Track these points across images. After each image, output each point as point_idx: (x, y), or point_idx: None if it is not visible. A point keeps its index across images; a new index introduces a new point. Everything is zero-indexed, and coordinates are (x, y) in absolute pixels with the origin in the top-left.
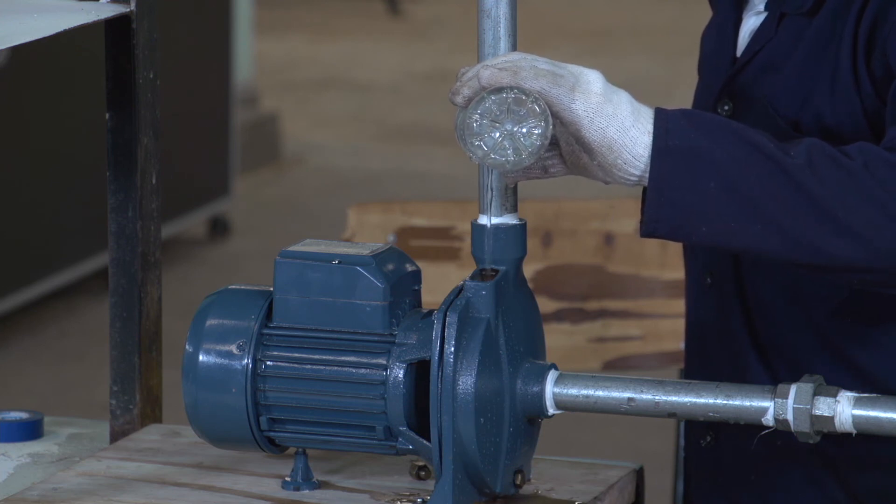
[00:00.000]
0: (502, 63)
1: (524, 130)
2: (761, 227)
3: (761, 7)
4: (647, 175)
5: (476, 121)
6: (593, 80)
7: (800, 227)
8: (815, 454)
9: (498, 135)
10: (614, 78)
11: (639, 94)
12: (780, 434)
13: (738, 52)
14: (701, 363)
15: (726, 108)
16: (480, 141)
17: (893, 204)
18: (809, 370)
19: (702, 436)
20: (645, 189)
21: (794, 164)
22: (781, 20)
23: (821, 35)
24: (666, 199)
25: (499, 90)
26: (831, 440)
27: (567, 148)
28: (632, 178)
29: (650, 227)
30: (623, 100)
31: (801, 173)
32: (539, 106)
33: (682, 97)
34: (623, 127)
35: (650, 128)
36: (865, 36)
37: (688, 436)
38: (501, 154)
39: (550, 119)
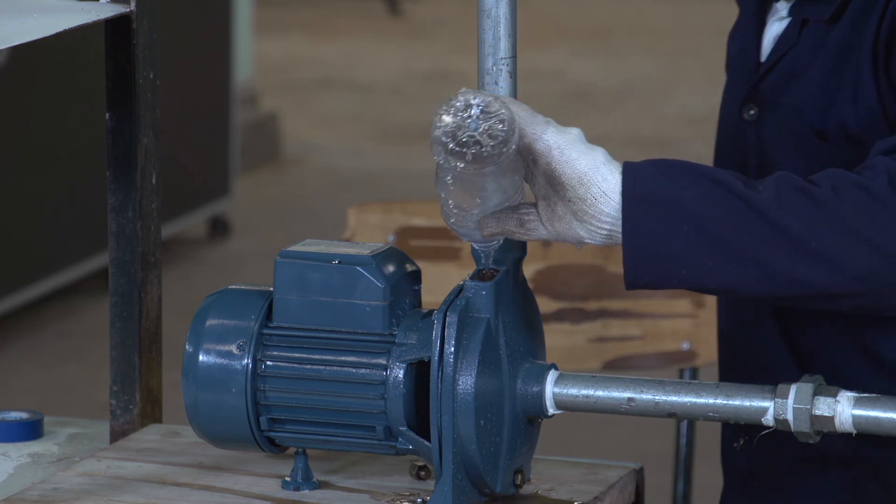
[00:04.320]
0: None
1: (488, 130)
2: (737, 265)
3: (784, 13)
4: (620, 221)
5: (441, 115)
6: (571, 129)
7: (773, 259)
8: (857, 458)
9: (459, 130)
10: (614, 77)
11: (638, 94)
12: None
13: (763, 58)
14: (734, 374)
15: (752, 112)
16: (443, 135)
17: (864, 226)
18: (849, 377)
19: (735, 439)
20: None
21: (763, 198)
22: (804, 27)
23: (842, 43)
24: (640, 247)
25: (470, 92)
26: (871, 444)
27: (543, 202)
28: (605, 220)
29: (630, 277)
30: (598, 148)
31: (769, 207)
32: (507, 112)
33: (682, 97)
34: (595, 163)
35: (620, 177)
36: (885, 43)
37: (722, 438)
38: (463, 148)
39: (515, 125)
